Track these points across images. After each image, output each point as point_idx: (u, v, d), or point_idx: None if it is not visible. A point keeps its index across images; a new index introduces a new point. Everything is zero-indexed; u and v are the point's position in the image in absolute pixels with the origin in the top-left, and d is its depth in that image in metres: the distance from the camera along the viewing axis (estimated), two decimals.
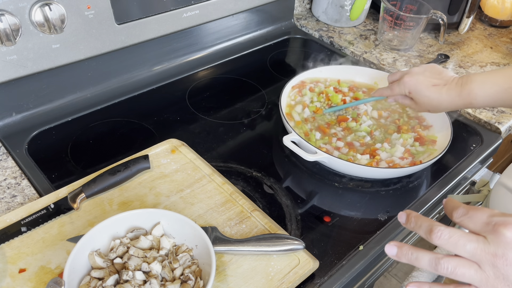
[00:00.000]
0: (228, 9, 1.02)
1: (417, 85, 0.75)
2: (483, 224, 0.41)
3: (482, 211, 0.42)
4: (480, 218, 0.42)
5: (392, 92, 0.80)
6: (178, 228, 0.59)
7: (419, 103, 0.76)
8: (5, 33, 0.69)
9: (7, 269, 0.56)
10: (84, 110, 0.88)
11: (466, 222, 0.43)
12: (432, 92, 0.73)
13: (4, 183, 0.71)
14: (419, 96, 0.75)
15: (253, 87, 1.00)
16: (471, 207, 0.43)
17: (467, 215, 0.43)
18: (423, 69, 0.77)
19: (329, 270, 0.63)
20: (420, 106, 0.77)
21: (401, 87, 0.77)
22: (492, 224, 0.40)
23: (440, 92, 0.73)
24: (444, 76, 0.75)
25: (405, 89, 0.77)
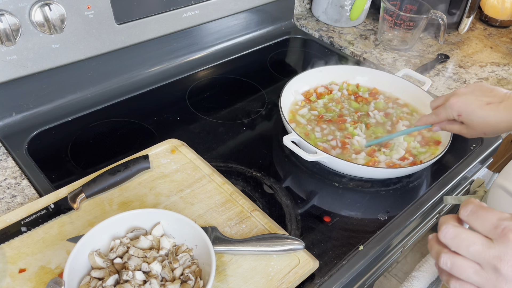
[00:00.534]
0: (228, 9, 1.02)
1: (468, 106, 0.66)
2: (492, 227, 0.40)
3: (492, 213, 0.41)
4: (489, 220, 0.40)
5: (438, 117, 0.71)
6: (178, 228, 0.59)
7: (472, 125, 0.67)
8: (5, 33, 0.69)
9: (7, 269, 0.56)
10: (84, 110, 0.88)
11: (473, 221, 0.42)
12: (487, 111, 0.65)
13: (4, 183, 0.71)
14: (472, 117, 0.66)
15: (253, 87, 1.00)
16: (481, 206, 0.42)
17: (475, 214, 0.42)
18: (471, 89, 0.68)
19: (329, 270, 0.63)
20: (473, 129, 0.68)
21: (448, 111, 0.68)
22: (501, 227, 0.39)
23: (497, 110, 0.64)
24: (498, 93, 0.66)
25: (452, 112, 0.68)
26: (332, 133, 0.83)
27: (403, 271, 1.66)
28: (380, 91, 0.96)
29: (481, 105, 0.65)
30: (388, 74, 0.97)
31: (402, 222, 0.71)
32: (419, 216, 0.74)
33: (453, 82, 1.05)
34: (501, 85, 1.06)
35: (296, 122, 0.86)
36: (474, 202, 0.43)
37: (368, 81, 0.98)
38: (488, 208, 0.42)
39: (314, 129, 0.84)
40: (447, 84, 1.05)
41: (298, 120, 0.86)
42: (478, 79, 1.07)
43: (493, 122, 0.65)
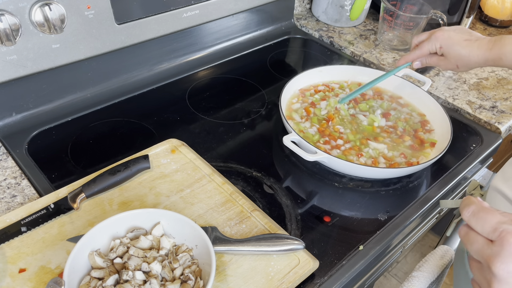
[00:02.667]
0: (228, 9, 1.02)
1: (449, 40, 0.76)
2: (491, 230, 0.42)
3: (493, 214, 0.42)
4: (489, 222, 0.42)
5: (421, 51, 0.80)
6: (178, 228, 0.59)
7: (449, 57, 0.77)
8: (5, 33, 0.69)
9: (7, 269, 0.56)
10: (84, 110, 0.88)
11: (473, 223, 0.43)
12: (463, 47, 0.75)
13: (4, 183, 0.71)
14: (450, 50, 0.76)
15: (253, 87, 1.00)
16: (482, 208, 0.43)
17: (476, 216, 0.43)
18: (453, 27, 0.79)
19: (329, 270, 0.63)
20: (449, 61, 0.78)
21: (432, 43, 0.78)
22: (500, 230, 0.41)
23: (472, 46, 0.75)
24: (475, 34, 0.77)
25: (436, 44, 0.78)
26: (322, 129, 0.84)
27: (403, 271, 1.66)
28: (383, 90, 0.96)
29: (460, 40, 0.77)
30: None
31: (402, 222, 0.71)
32: (419, 216, 0.74)
33: (453, 82, 1.05)
34: (501, 85, 1.06)
35: (291, 119, 0.86)
36: (475, 202, 0.44)
37: (368, 81, 0.97)
38: (489, 209, 0.43)
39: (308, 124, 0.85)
40: (447, 84, 1.05)
41: (293, 116, 0.86)
42: (478, 79, 1.07)
43: (466, 56, 0.76)
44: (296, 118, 0.86)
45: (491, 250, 0.41)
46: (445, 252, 0.79)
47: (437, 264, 0.77)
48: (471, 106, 0.98)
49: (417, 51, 0.82)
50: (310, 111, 0.87)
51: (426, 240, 1.58)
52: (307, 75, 0.94)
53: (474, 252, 0.43)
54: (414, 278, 0.74)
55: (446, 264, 0.78)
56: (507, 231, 0.40)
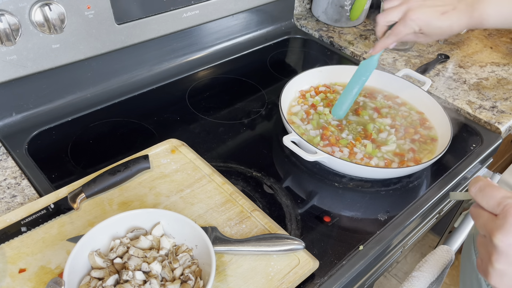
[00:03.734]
0: (228, 9, 1.02)
1: (427, 18, 0.71)
2: (496, 204, 0.43)
3: (498, 190, 0.43)
4: (494, 197, 0.43)
5: (397, 36, 0.74)
6: (178, 228, 0.59)
7: (430, 34, 0.73)
8: (5, 33, 0.69)
9: (7, 269, 0.56)
10: (84, 110, 0.88)
11: (479, 198, 0.44)
12: (443, 21, 0.71)
13: (4, 183, 0.71)
14: (431, 28, 0.72)
15: (253, 87, 1.00)
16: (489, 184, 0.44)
17: (482, 192, 0.44)
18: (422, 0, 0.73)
19: (329, 270, 0.63)
20: (430, 37, 0.74)
21: (409, 26, 0.72)
22: (504, 204, 0.42)
23: (451, 18, 0.70)
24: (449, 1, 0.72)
25: (414, 27, 0.72)
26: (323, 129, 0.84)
27: (403, 271, 1.66)
28: (378, 89, 0.96)
29: (438, 15, 0.71)
30: (388, 74, 0.97)
31: (402, 222, 0.71)
32: (419, 216, 0.74)
33: (453, 82, 1.05)
34: (501, 85, 1.06)
35: (292, 123, 0.86)
36: (482, 179, 0.46)
37: (368, 81, 0.97)
38: (495, 186, 0.44)
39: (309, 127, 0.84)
40: (447, 84, 1.05)
41: (292, 119, 0.86)
42: (478, 79, 1.07)
43: (447, 29, 0.72)
44: (296, 121, 0.86)
45: (494, 223, 0.42)
46: (445, 252, 0.79)
47: (437, 264, 0.77)
48: (471, 106, 0.98)
49: (393, 37, 0.75)
50: (310, 113, 0.87)
51: (426, 240, 1.58)
52: (307, 75, 0.94)
53: (480, 226, 0.44)
54: (414, 278, 0.74)
55: (446, 264, 0.78)
56: (511, 205, 0.41)
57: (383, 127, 0.86)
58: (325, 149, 0.79)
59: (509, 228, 0.40)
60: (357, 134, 0.84)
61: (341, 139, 0.82)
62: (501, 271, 0.41)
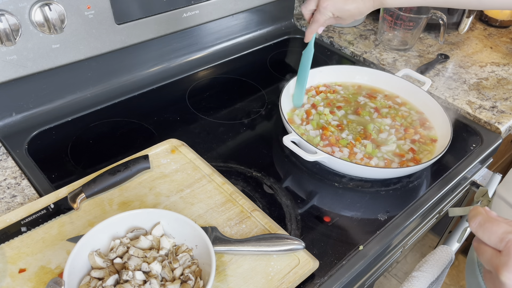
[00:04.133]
0: (228, 9, 1.02)
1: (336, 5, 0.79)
2: (497, 240, 0.43)
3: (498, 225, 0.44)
4: (495, 233, 0.43)
5: (318, 23, 0.83)
6: (178, 228, 0.59)
7: (344, 17, 0.81)
8: (5, 33, 0.69)
9: (7, 269, 0.56)
10: (84, 110, 0.88)
11: (480, 234, 0.45)
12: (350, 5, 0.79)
13: (4, 183, 0.71)
14: (342, 13, 0.80)
15: (253, 87, 1.00)
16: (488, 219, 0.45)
17: (483, 227, 0.44)
18: None
19: (329, 270, 0.63)
20: (345, 20, 0.82)
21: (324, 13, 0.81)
22: (506, 240, 0.42)
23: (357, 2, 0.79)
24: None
25: (328, 13, 0.81)
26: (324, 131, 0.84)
27: (403, 271, 1.66)
28: (378, 89, 0.96)
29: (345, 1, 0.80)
30: (388, 74, 0.97)
31: (402, 222, 0.71)
32: (419, 216, 0.74)
33: (453, 82, 1.05)
34: (501, 85, 1.06)
35: (292, 122, 0.86)
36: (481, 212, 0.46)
37: (368, 81, 0.98)
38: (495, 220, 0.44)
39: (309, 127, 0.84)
40: (447, 84, 1.05)
41: (292, 119, 0.86)
42: (478, 79, 1.07)
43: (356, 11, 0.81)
44: (296, 121, 0.86)
45: (499, 260, 0.42)
46: (445, 252, 0.79)
47: (437, 264, 0.77)
48: (471, 106, 0.98)
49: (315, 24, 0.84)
50: (311, 113, 0.87)
51: (426, 240, 1.58)
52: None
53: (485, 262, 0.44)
54: (414, 278, 0.74)
55: (446, 264, 0.78)
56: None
57: (383, 127, 0.86)
58: (325, 149, 0.79)
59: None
60: (357, 134, 0.84)
61: (341, 139, 0.82)
62: None
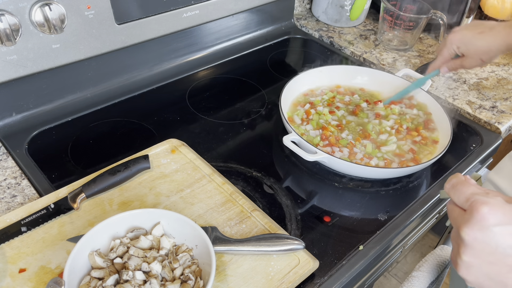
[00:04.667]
0: (228, 9, 1.02)
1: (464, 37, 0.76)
2: (464, 200, 0.45)
3: (468, 186, 0.46)
4: (463, 193, 0.45)
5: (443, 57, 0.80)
6: (178, 228, 0.59)
7: (470, 54, 0.77)
8: (5, 33, 0.69)
9: (7, 269, 0.56)
10: (84, 110, 0.88)
11: (452, 194, 0.47)
12: (479, 40, 0.75)
13: (4, 183, 0.71)
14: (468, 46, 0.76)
15: (253, 87, 1.00)
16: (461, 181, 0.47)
17: (454, 188, 0.47)
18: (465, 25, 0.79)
19: (329, 270, 0.63)
20: (471, 58, 0.77)
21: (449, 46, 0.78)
22: (472, 200, 0.44)
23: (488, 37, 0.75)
24: (488, 24, 0.77)
25: (453, 46, 0.77)
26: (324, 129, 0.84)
27: (403, 271, 1.66)
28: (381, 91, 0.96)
29: (474, 34, 0.76)
30: (388, 74, 0.97)
31: (402, 222, 0.71)
32: (419, 216, 0.74)
33: (453, 82, 1.05)
34: (501, 85, 1.06)
35: (292, 121, 0.86)
36: (458, 176, 0.48)
37: (368, 81, 0.98)
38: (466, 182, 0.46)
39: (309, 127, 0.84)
40: (447, 84, 1.05)
41: (293, 119, 0.86)
42: (478, 79, 1.07)
43: (486, 47, 0.76)
44: (296, 121, 0.86)
45: (462, 218, 0.44)
46: (445, 252, 0.79)
47: (437, 264, 0.77)
48: (471, 106, 0.98)
49: (439, 58, 0.82)
50: (311, 112, 0.87)
51: (426, 240, 1.58)
52: (307, 75, 0.94)
53: (452, 221, 0.46)
54: (414, 278, 0.74)
55: (446, 264, 0.78)
56: (477, 200, 0.43)
57: (384, 128, 0.86)
58: (325, 149, 0.79)
59: (474, 222, 0.42)
60: (357, 134, 0.84)
61: (341, 139, 0.82)
62: (467, 263, 0.44)
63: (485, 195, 0.44)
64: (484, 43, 0.76)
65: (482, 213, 0.42)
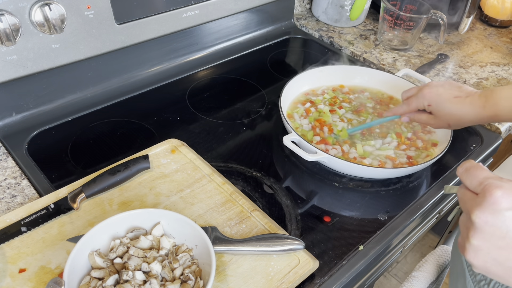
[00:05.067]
0: (228, 9, 1.02)
1: (438, 97, 0.71)
2: (477, 183, 0.44)
3: (482, 171, 0.45)
4: (477, 177, 0.45)
5: (409, 107, 0.76)
6: (178, 228, 0.59)
7: (439, 116, 0.72)
8: (5, 33, 0.69)
9: (7, 269, 0.56)
10: (84, 110, 0.88)
11: (464, 177, 0.46)
12: (454, 104, 0.70)
13: (4, 183, 0.71)
14: (440, 108, 0.71)
15: (253, 87, 1.00)
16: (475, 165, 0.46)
17: (467, 172, 0.46)
18: (443, 83, 0.74)
19: (329, 270, 0.63)
20: (439, 119, 0.73)
21: (420, 100, 0.73)
22: (485, 184, 0.43)
23: (463, 103, 0.69)
24: (465, 89, 0.72)
25: (424, 101, 0.73)
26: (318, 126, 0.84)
27: (403, 271, 1.66)
28: (381, 91, 0.96)
29: (450, 98, 0.71)
30: (388, 74, 0.97)
31: (402, 222, 0.71)
32: (419, 216, 0.74)
33: None
34: (500, 85, 1.06)
35: (291, 117, 0.86)
36: (471, 161, 0.48)
37: (368, 81, 0.98)
38: (480, 166, 0.46)
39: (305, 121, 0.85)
40: None
41: (293, 116, 0.86)
42: (478, 79, 1.07)
43: (458, 115, 0.71)
44: (296, 117, 0.86)
45: (474, 201, 0.43)
46: (445, 252, 0.79)
47: (437, 264, 0.77)
48: None
49: (405, 106, 0.77)
50: (310, 111, 0.88)
51: (426, 240, 1.58)
52: (307, 75, 0.94)
53: (462, 205, 0.46)
54: (414, 278, 0.74)
55: (446, 264, 0.78)
56: (490, 184, 0.43)
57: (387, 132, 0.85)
58: (319, 146, 0.79)
59: (486, 206, 0.42)
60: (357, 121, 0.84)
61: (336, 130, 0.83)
62: (476, 247, 0.43)
63: (499, 180, 0.43)
64: (457, 110, 0.70)
65: (495, 196, 0.41)
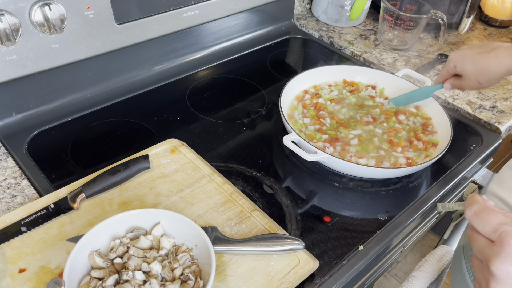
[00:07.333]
0: (228, 9, 1.02)
1: (463, 57, 0.72)
2: (492, 230, 0.43)
3: (494, 215, 0.43)
4: (490, 223, 0.43)
5: (442, 75, 0.78)
6: (178, 228, 0.59)
7: (467, 75, 0.73)
8: (5, 33, 0.69)
9: (7, 269, 0.56)
10: (84, 110, 0.88)
11: (475, 222, 0.44)
12: (478, 59, 0.71)
13: (4, 183, 0.71)
14: (465, 67, 0.72)
15: (253, 87, 1.00)
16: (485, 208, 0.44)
17: (478, 216, 0.44)
18: (471, 45, 0.75)
19: (329, 270, 0.63)
20: (468, 79, 0.73)
21: (447, 65, 0.75)
22: (500, 231, 0.42)
23: (488, 57, 0.70)
24: (490, 44, 0.72)
25: (450, 64, 0.74)
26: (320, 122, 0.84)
27: (403, 271, 1.66)
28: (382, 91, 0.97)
29: (474, 54, 0.72)
30: (388, 74, 0.97)
31: (402, 222, 0.71)
32: (419, 216, 0.74)
33: None
34: (501, 85, 1.06)
35: (292, 117, 0.86)
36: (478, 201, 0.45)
37: (368, 81, 0.98)
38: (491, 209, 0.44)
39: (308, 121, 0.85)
40: None
41: (293, 115, 0.86)
42: None
43: (482, 69, 0.71)
44: (296, 116, 0.86)
45: (491, 250, 0.42)
46: (445, 252, 0.79)
47: (437, 264, 0.77)
48: (471, 106, 0.98)
49: (440, 74, 0.81)
50: (306, 104, 0.88)
51: (426, 240, 1.58)
52: (308, 75, 0.94)
53: (476, 250, 0.44)
54: (414, 278, 0.74)
55: (446, 264, 0.78)
56: (507, 232, 0.41)
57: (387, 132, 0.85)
58: (317, 145, 0.79)
59: (506, 257, 0.40)
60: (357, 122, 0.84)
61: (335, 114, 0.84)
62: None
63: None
64: (481, 64, 0.71)
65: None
